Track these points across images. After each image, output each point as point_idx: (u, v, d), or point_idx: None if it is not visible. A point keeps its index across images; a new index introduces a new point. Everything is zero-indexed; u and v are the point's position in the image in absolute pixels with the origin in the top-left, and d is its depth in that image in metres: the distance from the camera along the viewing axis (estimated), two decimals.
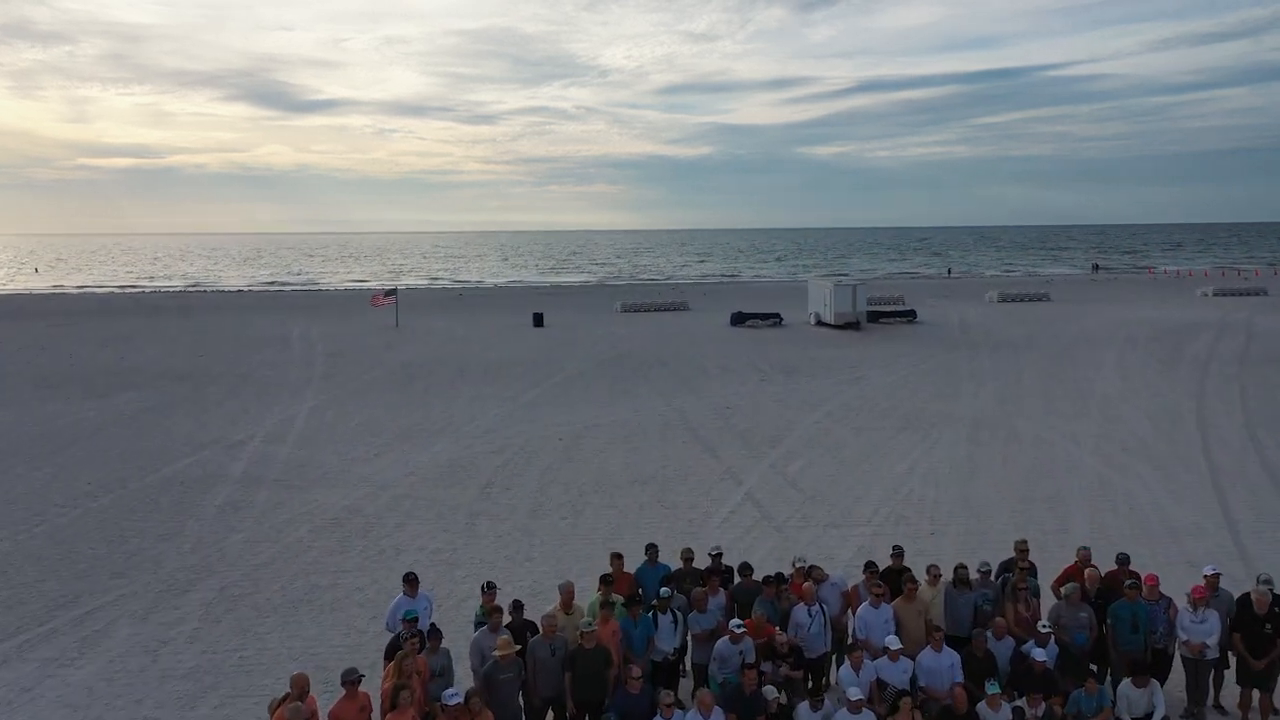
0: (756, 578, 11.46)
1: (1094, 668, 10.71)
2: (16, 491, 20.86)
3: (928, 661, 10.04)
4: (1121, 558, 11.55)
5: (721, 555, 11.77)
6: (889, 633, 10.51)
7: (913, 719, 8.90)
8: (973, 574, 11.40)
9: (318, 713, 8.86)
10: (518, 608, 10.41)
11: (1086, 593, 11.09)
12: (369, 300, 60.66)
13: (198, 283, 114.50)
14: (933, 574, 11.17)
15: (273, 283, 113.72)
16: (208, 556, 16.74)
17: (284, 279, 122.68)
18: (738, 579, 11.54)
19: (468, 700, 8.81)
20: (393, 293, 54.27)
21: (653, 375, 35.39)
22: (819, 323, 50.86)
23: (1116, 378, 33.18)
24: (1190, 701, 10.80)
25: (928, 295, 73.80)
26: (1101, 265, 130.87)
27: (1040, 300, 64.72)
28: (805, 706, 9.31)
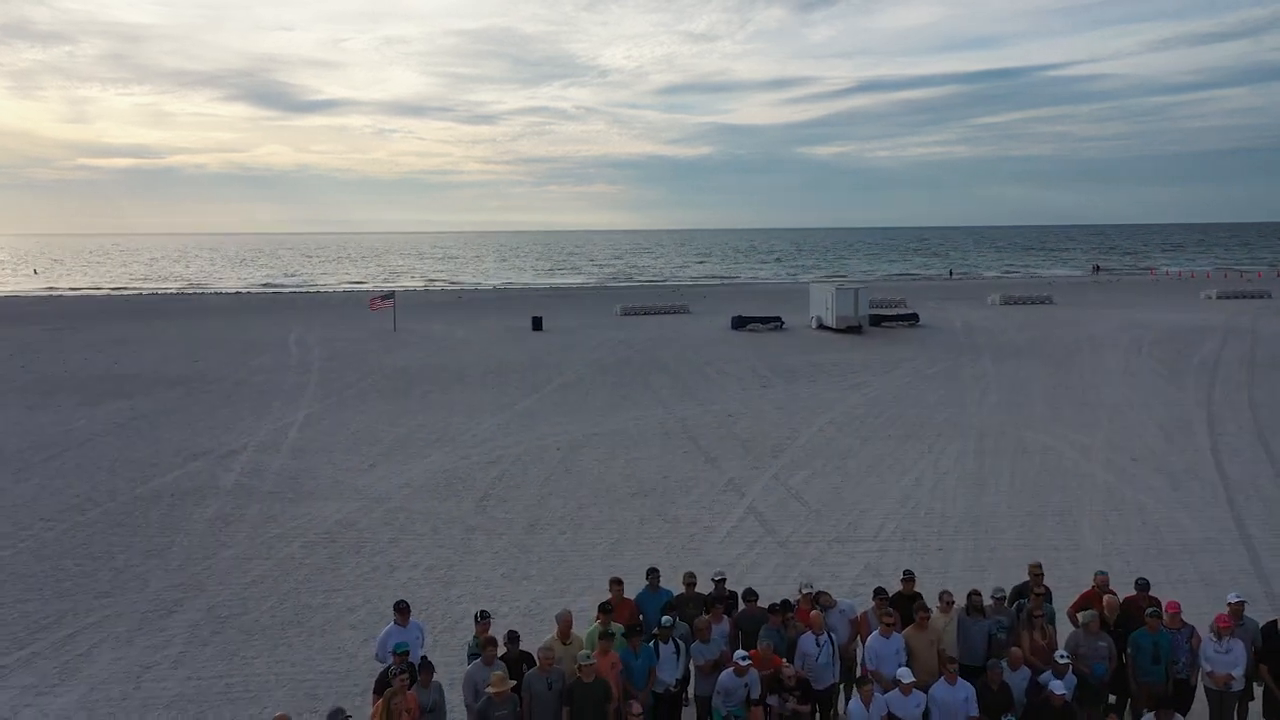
0: (761, 603, 11.03)
1: (1113, 699, 10.26)
2: (2, 504, 20.40)
3: (941, 695, 9.59)
4: (1141, 583, 11.10)
5: (725, 580, 11.33)
6: (900, 664, 10.07)
7: None
8: (986, 600, 10.98)
9: None
10: (513, 639, 9.97)
11: (1105, 620, 10.66)
12: (367, 304, 60.20)
13: (196, 285, 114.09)
14: (945, 601, 10.72)
15: (271, 285, 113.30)
16: (196, 574, 16.30)
17: (282, 281, 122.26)
18: (741, 605, 11.10)
19: None
20: (390, 296, 53.82)
21: (653, 381, 34.96)
22: (820, 326, 50.41)
23: (1123, 384, 32.74)
24: None
25: (930, 297, 73.40)
26: (1102, 267, 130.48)
27: (1043, 303, 64.29)
28: None
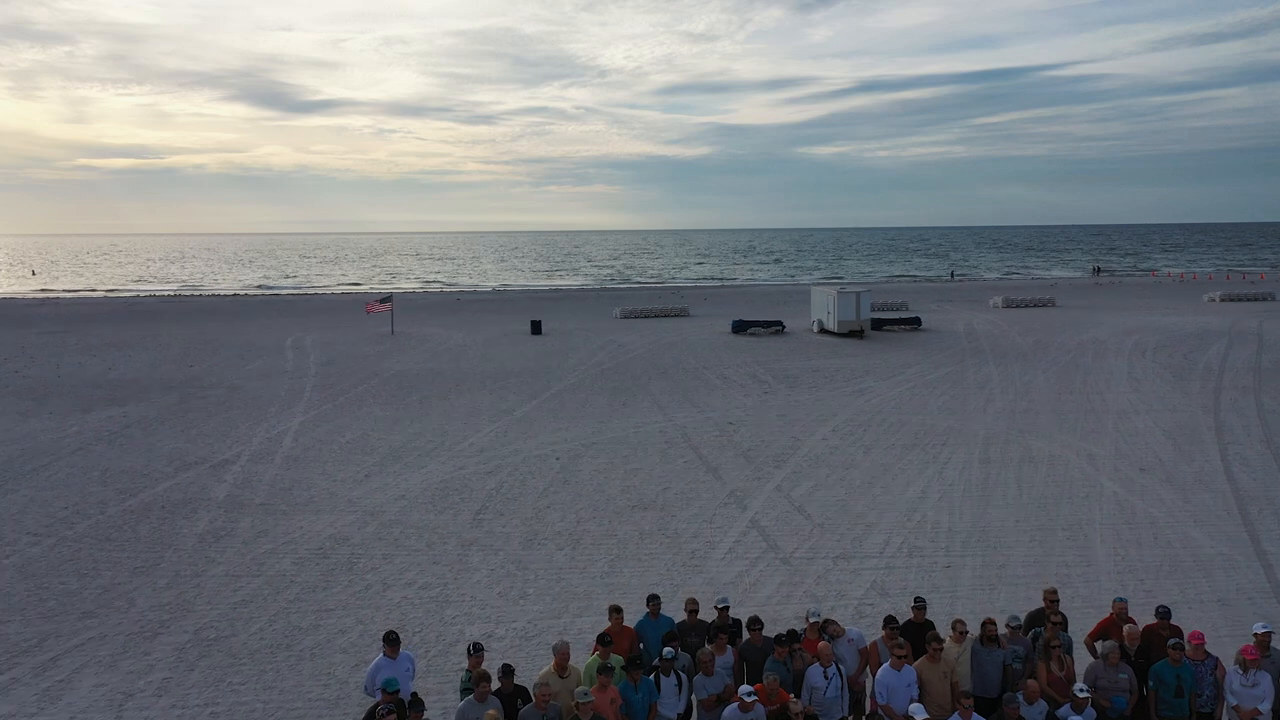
0: (767, 631, 10.60)
1: None
2: None
3: None
4: (1162, 611, 10.67)
5: (729, 608, 10.89)
6: (912, 697, 9.65)
7: None
8: (1001, 629, 10.55)
9: None
10: (507, 673, 9.54)
11: (1126, 651, 10.23)
12: (364, 307, 59.70)
13: (193, 287, 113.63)
14: (958, 630, 10.29)
15: (269, 287, 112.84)
16: (184, 593, 15.86)
17: (280, 283, 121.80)
18: (746, 634, 10.67)
19: None
20: (388, 299, 53.37)
21: (653, 387, 34.52)
22: (822, 330, 49.95)
23: (1129, 390, 32.31)
24: None
25: (931, 299, 72.97)
26: (1102, 268, 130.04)
27: (1045, 306, 63.85)
28: None
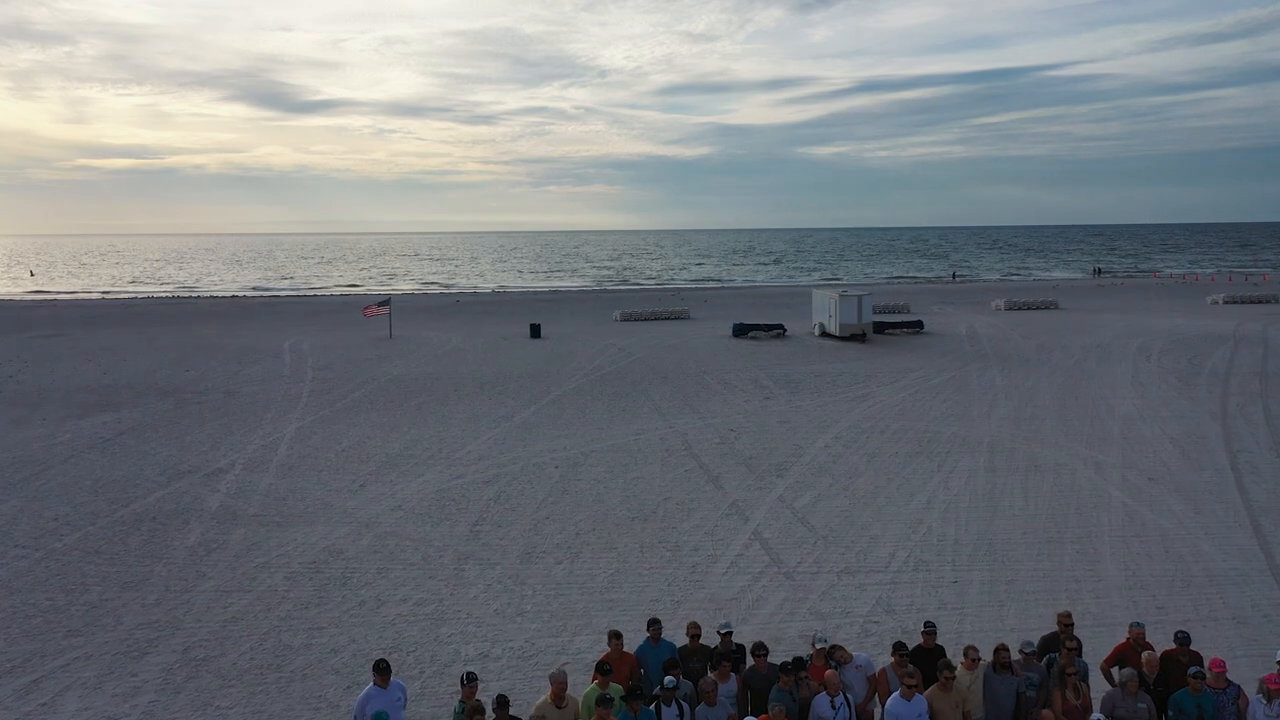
0: (771, 650, 10.22)
1: None
2: None
3: None
4: (1181, 637, 10.30)
5: (732, 633, 10.52)
6: None
7: None
8: (1014, 654, 10.20)
9: None
10: (502, 704, 9.17)
11: (1145, 679, 9.86)
12: (362, 310, 59.29)
13: (191, 288, 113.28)
14: (970, 657, 9.94)
15: (267, 288, 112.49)
16: (173, 609, 15.49)
17: (279, 284, 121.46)
18: (750, 661, 10.30)
19: None
20: (386, 302, 53.00)
21: (653, 392, 34.15)
22: (824, 334, 49.57)
23: (1134, 396, 31.94)
24: None
25: (933, 301, 72.61)
26: (1103, 269, 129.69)
27: (1048, 308, 63.47)
28: None
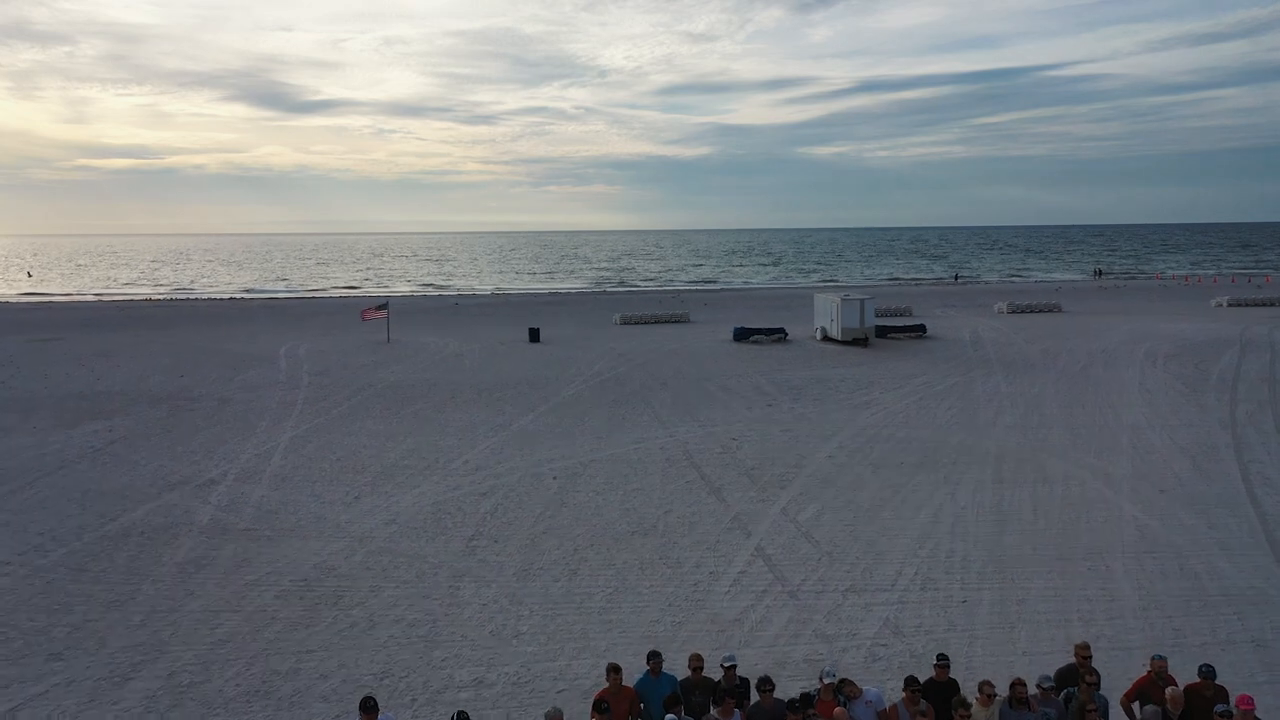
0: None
1: None
2: None
3: None
4: (1205, 670, 9.85)
5: (735, 666, 10.08)
6: None
7: None
8: (1031, 689, 9.76)
9: None
10: None
11: (1169, 716, 9.42)
12: (359, 314, 58.79)
13: (189, 290, 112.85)
14: (985, 692, 9.50)
15: (265, 290, 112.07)
16: (158, 631, 15.04)
17: (277, 286, 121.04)
18: (755, 695, 9.86)
19: None
20: (384, 306, 52.54)
21: (653, 399, 33.69)
22: (825, 338, 49.08)
23: (1142, 403, 31.48)
24: None
25: (935, 304, 72.13)
26: (1104, 270, 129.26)
27: (1051, 311, 63.00)
28: None
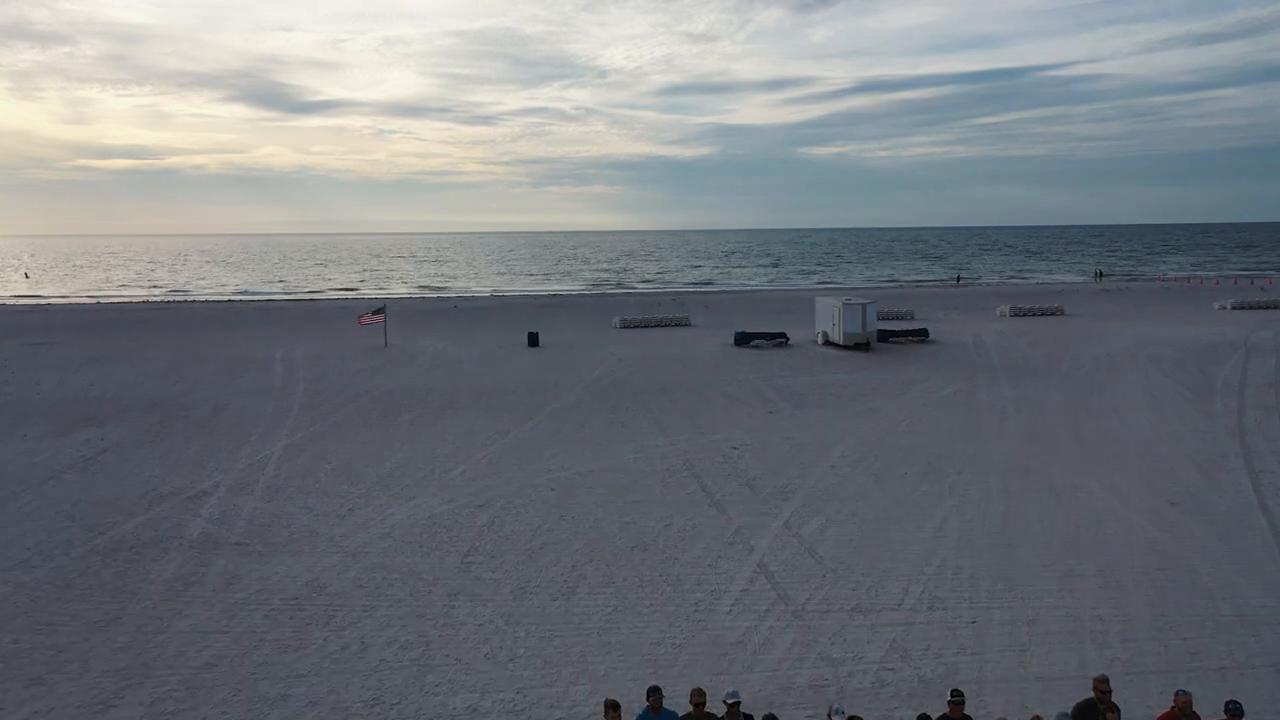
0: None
1: None
2: None
3: None
4: (1233, 708, 9.43)
5: (739, 704, 9.64)
6: None
7: None
8: None
9: None
10: None
11: None
12: (356, 319, 58.31)
13: (185, 292, 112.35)
14: None
15: (263, 293, 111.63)
16: (143, 653, 14.59)
17: (275, 288, 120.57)
18: None
19: None
20: (381, 310, 52.06)
21: (653, 406, 33.24)
22: (827, 343, 48.64)
23: (1148, 410, 31.04)
24: None
25: (937, 306, 71.68)
26: (1105, 272, 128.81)
27: (1054, 314, 62.55)
28: None
